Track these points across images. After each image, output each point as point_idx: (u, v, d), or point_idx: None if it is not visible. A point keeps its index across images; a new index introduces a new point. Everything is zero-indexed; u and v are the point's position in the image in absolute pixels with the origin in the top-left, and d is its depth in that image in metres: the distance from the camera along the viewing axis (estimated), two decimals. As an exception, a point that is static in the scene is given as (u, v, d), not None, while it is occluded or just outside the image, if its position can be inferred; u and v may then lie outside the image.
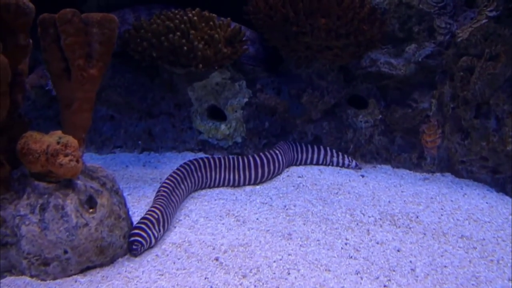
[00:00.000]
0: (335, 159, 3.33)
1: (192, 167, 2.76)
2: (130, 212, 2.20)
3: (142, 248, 2.04)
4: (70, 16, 2.01)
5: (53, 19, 2.04)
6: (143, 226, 2.07)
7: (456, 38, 3.12)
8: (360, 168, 3.32)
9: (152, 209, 2.21)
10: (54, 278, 1.86)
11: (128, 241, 2.03)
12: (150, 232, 2.07)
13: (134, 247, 2.01)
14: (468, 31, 3.02)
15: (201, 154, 3.45)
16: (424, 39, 3.27)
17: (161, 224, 2.16)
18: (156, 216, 2.14)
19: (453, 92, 3.20)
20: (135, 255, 2.02)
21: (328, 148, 3.36)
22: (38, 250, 1.84)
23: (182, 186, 2.62)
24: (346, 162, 3.33)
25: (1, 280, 1.84)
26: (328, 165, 3.33)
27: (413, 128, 3.33)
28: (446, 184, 3.11)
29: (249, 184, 2.94)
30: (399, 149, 3.40)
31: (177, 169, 2.70)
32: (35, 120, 2.92)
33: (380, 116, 3.40)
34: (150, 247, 2.11)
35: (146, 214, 2.18)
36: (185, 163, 2.79)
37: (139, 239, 2.03)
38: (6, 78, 1.73)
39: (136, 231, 2.06)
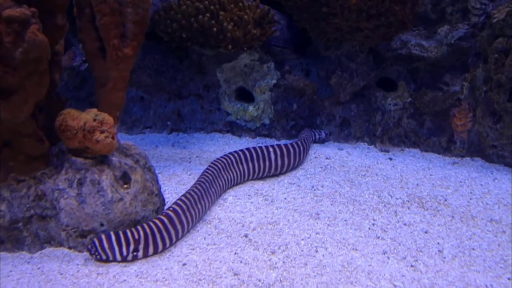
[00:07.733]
0: (317, 135, 3.33)
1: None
2: (162, 190, 2.26)
3: (97, 256, 1.83)
4: (105, -4, 2.05)
5: (89, -1, 2.08)
6: (121, 238, 1.84)
7: (492, 19, 3.04)
8: (330, 134, 3.37)
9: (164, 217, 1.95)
10: (91, 250, 1.93)
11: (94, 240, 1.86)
12: (117, 248, 1.83)
13: (89, 247, 1.85)
14: (505, 11, 2.93)
15: (229, 135, 3.50)
16: (458, 20, 3.20)
17: (151, 241, 1.88)
18: (141, 234, 1.86)
19: (486, 75, 3.13)
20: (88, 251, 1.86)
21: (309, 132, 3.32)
22: (76, 222, 1.92)
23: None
24: (317, 136, 3.33)
25: (41, 251, 1.94)
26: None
27: (443, 111, 3.28)
28: (476, 168, 3.07)
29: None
30: (428, 132, 3.35)
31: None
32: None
33: (410, 99, 3.35)
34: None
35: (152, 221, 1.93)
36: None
37: (98, 246, 1.82)
38: (46, 56, 1.79)
39: (102, 237, 1.83)
